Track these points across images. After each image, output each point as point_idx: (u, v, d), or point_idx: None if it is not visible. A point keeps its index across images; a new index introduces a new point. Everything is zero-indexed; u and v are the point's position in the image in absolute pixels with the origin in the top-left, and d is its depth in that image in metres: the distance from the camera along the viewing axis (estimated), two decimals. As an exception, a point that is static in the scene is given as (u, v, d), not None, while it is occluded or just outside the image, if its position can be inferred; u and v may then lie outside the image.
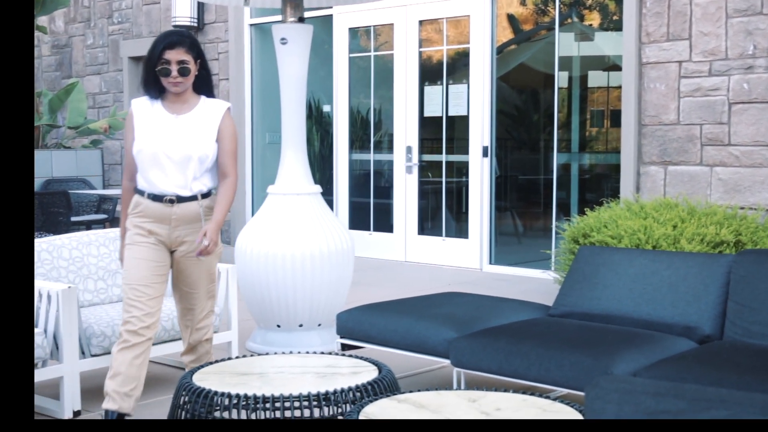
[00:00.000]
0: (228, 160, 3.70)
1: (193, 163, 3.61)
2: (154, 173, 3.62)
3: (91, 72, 11.66)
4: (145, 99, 3.71)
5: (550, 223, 8.01)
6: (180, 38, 3.60)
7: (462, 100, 8.43)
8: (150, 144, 3.60)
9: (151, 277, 3.63)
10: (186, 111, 3.66)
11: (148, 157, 3.61)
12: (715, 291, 3.83)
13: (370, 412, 2.85)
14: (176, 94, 3.64)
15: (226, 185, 3.70)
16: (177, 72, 3.58)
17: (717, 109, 6.56)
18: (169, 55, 3.57)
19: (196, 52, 3.64)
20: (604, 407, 1.74)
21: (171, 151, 3.60)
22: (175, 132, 3.61)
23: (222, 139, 3.67)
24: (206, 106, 3.69)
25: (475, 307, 4.26)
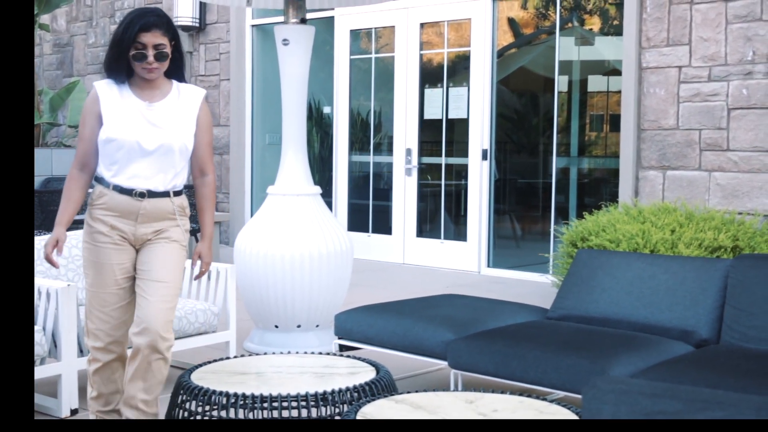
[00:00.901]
0: (206, 153, 3.39)
1: (173, 156, 3.27)
2: (126, 166, 3.24)
3: (93, 71, 11.67)
4: (110, 82, 3.29)
5: (548, 226, 8.03)
6: (157, 18, 3.21)
7: (462, 103, 8.44)
8: (123, 134, 3.22)
9: (117, 282, 3.32)
10: (159, 98, 3.29)
11: (120, 149, 3.23)
12: (712, 295, 3.84)
13: (367, 412, 2.86)
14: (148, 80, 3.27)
15: (207, 186, 3.41)
16: (154, 57, 3.19)
17: (716, 114, 6.57)
18: (144, 38, 3.17)
19: (172, 34, 3.26)
20: (600, 408, 1.75)
21: (148, 143, 3.23)
22: (150, 122, 3.25)
23: (200, 131, 3.34)
24: (182, 92, 3.33)
25: (473, 309, 4.27)
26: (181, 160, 3.31)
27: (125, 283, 3.35)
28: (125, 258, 3.32)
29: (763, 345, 3.59)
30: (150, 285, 3.27)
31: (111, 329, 3.34)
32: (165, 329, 3.24)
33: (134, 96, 3.27)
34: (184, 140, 3.29)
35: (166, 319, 3.26)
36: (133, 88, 3.28)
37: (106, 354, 3.37)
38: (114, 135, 3.22)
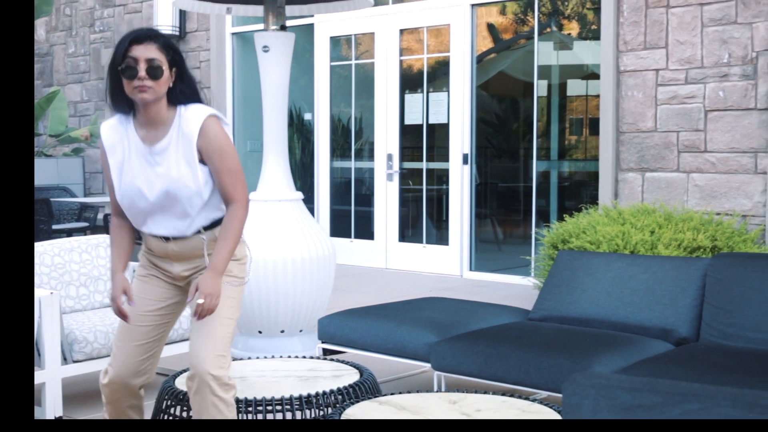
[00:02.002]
0: (226, 179, 2.86)
1: (182, 204, 2.88)
2: (139, 216, 2.96)
3: (73, 80, 11.64)
4: (115, 122, 2.93)
5: (529, 230, 8.08)
6: (150, 32, 2.84)
7: (442, 108, 8.49)
8: (128, 190, 2.91)
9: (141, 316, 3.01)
10: (162, 137, 2.86)
11: (130, 204, 2.94)
12: (691, 294, 3.89)
13: (351, 413, 2.88)
14: (147, 109, 2.83)
15: (231, 214, 2.87)
16: (145, 72, 2.75)
17: (693, 116, 6.65)
18: (136, 51, 2.77)
19: (172, 55, 2.84)
20: (580, 402, 1.78)
21: (153, 197, 2.88)
22: (153, 171, 2.87)
23: (209, 158, 2.85)
24: (182, 124, 2.86)
25: (456, 311, 4.30)
26: (194, 205, 2.89)
27: (150, 320, 3.01)
28: (158, 292, 3.02)
29: (741, 342, 3.64)
30: (195, 324, 2.91)
31: (120, 365, 2.98)
32: (213, 365, 2.80)
33: (138, 137, 2.88)
34: (188, 184, 2.85)
35: (215, 354, 2.82)
36: (137, 125, 2.89)
37: (108, 394, 3.03)
38: (121, 191, 2.93)
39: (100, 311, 4.45)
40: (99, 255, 4.69)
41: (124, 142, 2.90)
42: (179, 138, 2.85)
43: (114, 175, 2.92)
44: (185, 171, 2.85)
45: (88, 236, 4.84)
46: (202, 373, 2.77)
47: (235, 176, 2.87)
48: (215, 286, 2.82)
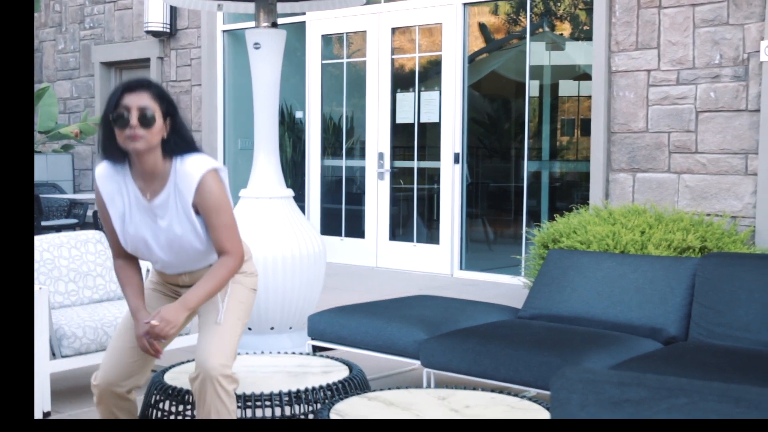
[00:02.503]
0: (221, 235, 2.85)
1: (189, 251, 2.91)
2: (147, 257, 2.98)
3: (62, 77, 11.60)
4: (109, 171, 2.87)
5: (520, 230, 8.09)
6: (144, 81, 2.80)
7: (434, 107, 8.49)
8: (133, 240, 2.91)
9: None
10: (160, 190, 2.83)
11: (136, 251, 2.95)
12: (680, 293, 3.90)
13: (340, 409, 2.88)
14: (141, 160, 2.77)
15: (222, 262, 2.87)
16: (137, 120, 2.70)
17: (684, 117, 6.67)
18: (128, 100, 2.73)
19: (166, 106, 2.79)
20: (569, 397, 1.78)
21: (159, 247, 2.91)
22: (156, 225, 2.87)
23: (204, 214, 2.84)
24: (178, 180, 2.82)
25: (445, 309, 4.31)
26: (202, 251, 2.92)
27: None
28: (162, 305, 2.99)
29: (730, 341, 3.65)
30: (204, 325, 2.93)
31: (110, 365, 2.96)
32: (220, 363, 2.81)
33: (137, 189, 2.85)
34: (192, 237, 2.87)
35: (222, 352, 2.82)
36: (134, 176, 2.85)
37: (97, 394, 2.99)
38: (125, 239, 2.92)
39: (89, 307, 4.44)
40: (88, 251, 4.67)
41: (123, 192, 2.87)
42: (176, 194, 2.83)
43: (116, 225, 2.90)
44: (187, 226, 2.85)
45: (77, 232, 4.83)
46: (209, 369, 2.78)
47: (229, 231, 2.87)
48: (176, 317, 2.81)
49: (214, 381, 2.78)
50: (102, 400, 2.98)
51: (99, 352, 4.17)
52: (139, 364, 3.00)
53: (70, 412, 4.07)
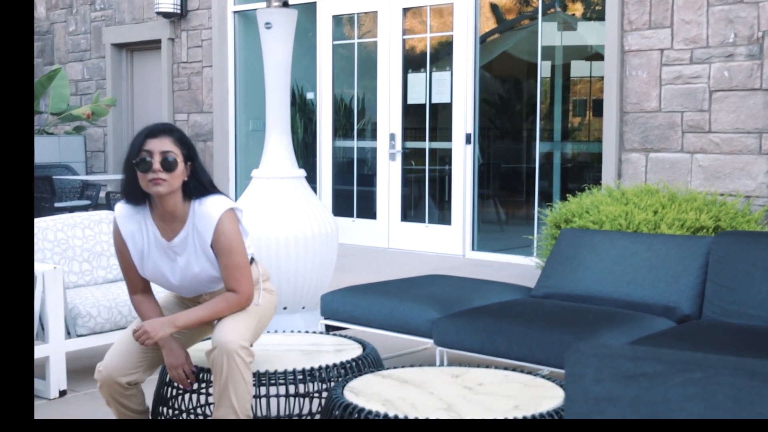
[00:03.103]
0: (231, 275, 2.96)
1: (207, 282, 3.06)
2: (173, 291, 3.16)
3: (74, 59, 11.61)
4: (129, 212, 2.99)
5: (532, 211, 8.08)
6: (165, 126, 2.93)
7: (445, 87, 8.47)
8: (152, 275, 3.05)
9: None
10: (179, 230, 2.96)
11: (159, 285, 3.11)
12: (694, 272, 3.89)
13: (354, 387, 2.89)
14: (163, 202, 2.90)
15: (227, 297, 2.98)
16: (159, 164, 2.82)
17: (698, 96, 6.63)
18: (150, 145, 2.84)
19: (187, 150, 2.91)
20: (583, 371, 1.78)
21: (178, 281, 3.04)
22: (174, 263, 3.01)
23: (217, 253, 2.95)
24: (197, 220, 2.94)
25: (458, 288, 4.31)
26: (217, 280, 3.05)
27: None
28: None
29: (743, 319, 3.65)
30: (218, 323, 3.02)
31: (115, 355, 3.01)
32: (238, 339, 2.88)
33: (156, 229, 2.97)
34: (207, 272, 3.01)
35: (239, 331, 2.91)
36: (154, 217, 2.97)
37: (99, 380, 3.04)
38: (143, 273, 3.05)
39: (103, 287, 4.46)
40: (102, 231, 4.69)
41: (143, 231, 2.98)
42: (194, 234, 2.95)
43: (135, 261, 3.01)
44: (205, 264, 2.98)
45: (91, 212, 4.85)
46: (226, 342, 2.85)
47: (241, 272, 2.96)
48: (159, 329, 2.89)
49: (232, 352, 2.84)
50: (104, 387, 3.04)
51: (113, 331, 4.20)
52: (144, 365, 3.06)
53: (86, 391, 4.11)
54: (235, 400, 2.88)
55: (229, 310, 2.97)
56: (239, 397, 2.89)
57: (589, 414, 1.74)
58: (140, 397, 3.13)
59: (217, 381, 2.89)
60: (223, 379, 2.87)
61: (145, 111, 11.12)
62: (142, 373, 3.06)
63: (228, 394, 2.88)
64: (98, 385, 3.04)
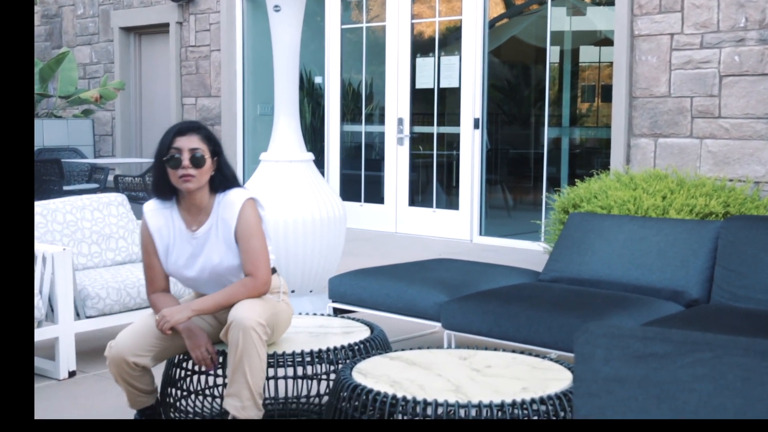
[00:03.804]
0: (249, 259, 3.06)
1: (226, 275, 3.13)
2: (192, 287, 3.26)
3: (82, 42, 11.61)
4: (158, 206, 3.14)
5: (540, 196, 8.06)
6: (194, 124, 3.08)
7: (454, 72, 8.44)
8: (174, 268, 3.16)
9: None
10: (204, 222, 3.10)
11: (177, 278, 3.21)
12: (703, 256, 3.89)
13: (363, 368, 2.90)
14: (191, 196, 3.05)
15: (244, 282, 3.06)
16: (189, 161, 2.99)
17: (708, 81, 6.60)
18: (179, 143, 3.01)
19: (213, 146, 3.06)
20: (593, 351, 1.78)
21: (198, 273, 3.13)
22: (196, 254, 3.12)
23: (240, 239, 3.07)
24: (221, 210, 3.09)
25: (466, 272, 4.31)
26: (236, 274, 3.13)
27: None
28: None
29: (752, 304, 3.64)
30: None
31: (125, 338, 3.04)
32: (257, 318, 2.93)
33: (182, 222, 3.11)
34: (229, 264, 3.10)
35: (257, 313, 2.95)
36: (181, 211, 3.12)
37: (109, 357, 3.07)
38: (167, 267, 3.15)
39: (111, 269, 4.47)
40: (110, 213, 4.70)
41: (170, 225, 3.12)
42: (219, 223, 3.09)
43: (161, 254, 3.14)
44: (225, 254, 3.09)
45: (100, 195, 4.86)
46: (244, 319, 2.90)
47: (258, 256, 3.06)
48: (177, 315, 2.98)
49: (248, 328, 2.90)
50: (112, 365, 3.06)
51: (122, 313, 4.22)
52: (154, 352, 3.08)
53: (95, 372, 4.13)
54: (249, 376, 2.91)
55: (246, 294, 3.03)
56: (253, 373, 2.92)
57: (599, 394, 1.74)
58: (149, 378, 3.14)
59: (231, 357, 2.92)
60: (239, 355, 2.90)
61: (153, 95, 11.12)
62: (151, 359, 3.08)
63: (243, 370, 2.90)
64: (107, 361, 3.07)
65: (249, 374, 2.91)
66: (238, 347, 2.90)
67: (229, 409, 2.95)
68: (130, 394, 3.13)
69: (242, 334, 2.89)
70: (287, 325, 3.25)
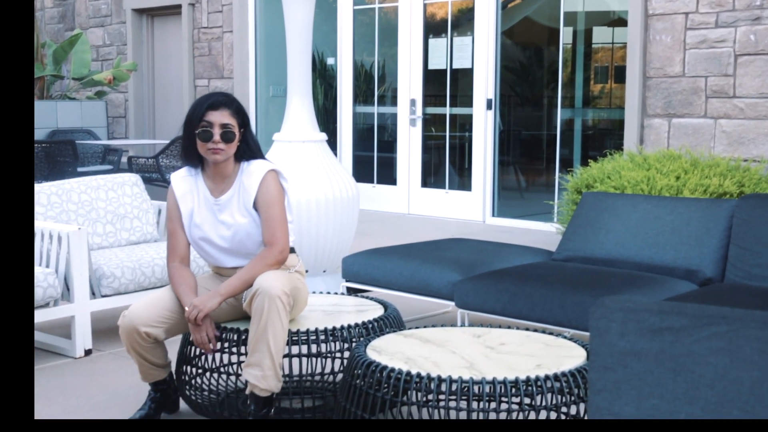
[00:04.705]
0: (268, 227, 3.12)
1: (248, 246, 3.19)
2: (213, 259, 3.27)
3: (95, 24, 11.61)
4: (184, 174, 3.23)
5: (552, 178, 8.04)
6: (226, 99, 3.14)
7: (466, 52, 8.41)
8: (197, 234, 3.20)
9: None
10: (227, 189, 3.18)
11: (199, 248, 3.25)
12: (717, 235, 3.88)
13: (377, 345, 2.91)
14: (217, 165, 3.14)
15: (263, 255, 3.11)
16: (219, 137, 3.07)
17: (723, 61, 6.55)
18: (211, 117, 3.08)
19: (242, 119, 3.15)
20: (608, 325, 1.79)
21: (220, 241, 3.19)
22: (219, 219, 3.18)
23: (260, 208, 3.14)
24: (244, 178, 3.17)
25: (479, 251, 4.31)
26: (255, 243, 3.18)
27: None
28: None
29: (767, 282, 3.63)
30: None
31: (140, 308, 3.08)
32: (282, 288, 2.96)
33: (207, 189, 3.19)
34: (249, 230, 3.16)
35: (282, 283, 2.97)
36: (206, 178, 3.21)
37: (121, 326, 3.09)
38: (189, 233, 3.21)
39: (126, 248, 4.50)
40: (125, 193, 4.72)
41: (194, 192, 3.21)
42: (240, 192, 3.17)
43: (185, 220, 3.21)
44: (246, 220, 3.15)
45: (114, 175, 4.87)
46: (269, 288, 2.93)
47: (277, 225, 3.13)
48: (206, 304, 3.02)
49: (274, 296, 2.93)
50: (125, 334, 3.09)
51: (137, 292, 4.24)
52: (167, 325, 3.11)
53: (111, 350, 4.16)
54: (272, 344, 2.93)
55: (266, 266, 3.07)
56: (276, 342, 2.94)
57: (614, 368, 1.75)
58: (161, 351, 3.17)
59: (254, 325, 2.95)
60: (263, 323, 2.92)
61: (165, 76, 11.13)
62: (163, 331, 3.10)
63: (266, 338, 2.93)
64: (119, 330, 3.10)
65: (272, 342, 2.93)
66: (262, 315, 2.92)
67: (250, 379, 2.97)
68: (142, 366, 3.16)
69: (268, 302, 2.92)
70: (305, 303, 3.26)
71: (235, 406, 3.22)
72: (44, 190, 4.45)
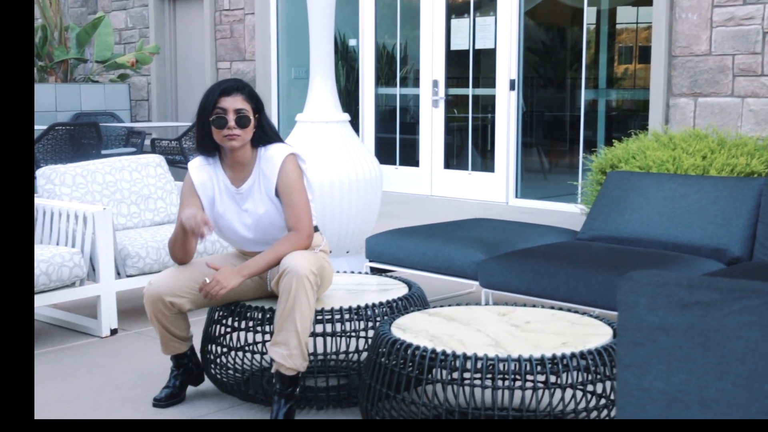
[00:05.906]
0: (291, 213, 3.10)
1: (271, 230, 3.17)
2: (233, 243, 3.28)
3: (117, 8, 11.64)
4: (202, 162, 3.20)
5: (576, 159, 7.99)
6: (238, 84, 3.11)
7: (489, 33, 8.35)
8: (220, 223, 3.20)
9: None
10: (247, 177, 3.15)
11: (223, 236, 3.26)
12: (745, 214, 3.83)
13: (402, 324, 2.91)
14: (234, 152, 3.11)
15: (289, 236, 3.09)
16: (234, 122, 3.04)
17: (750, 38, 6.46)
18: (224, 103, 3.05)
19: (255, 104, 3.12)
20: (637, 300, 1.77)
21: (244, 230, 3.18)
22: (241, 209, 3.17)
23: (282, 193, 3.11)
24: (263, 164, 3.14)
25: (503, 231, 4.29)
26: (280, 229, 3.16)
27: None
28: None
29: (796, 262, 3.59)
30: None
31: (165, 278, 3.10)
32: (310, 268, 2.95)
33: (226, 178, 3.16)
34: (273, 218, 3.14)
35: (308, 262, 2.96)
36: (224, 167, 3.17)
37: (146, 295, 3.11)
38: (213, 222, 3.18)
39: (150, 229, 4.52)
40: (149, 174, 4.74)
41: (214, 180, 3.18)
42: (260, 179, 3.14)
43: (207, 211, 3.18)
44: (269, 207, 3.14)
45: (138, 156, 4.89)
46: (298, 267, 2.92)
47: (301, 210, 3.10)
48: (229, 279, 3.00)
49: (302, 276, 2.92)
50: (149, 302, 3.10)
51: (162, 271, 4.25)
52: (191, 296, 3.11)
53: (137, 330, 4.18)
54: (299, 323, 2.93)
55: (292, 249, 3.05)
56: (303, 321, 2.94)
57: (643, 342, 1.73)
58: (183, 323, 3.19)
59: (282, 304, 2.94)
60: (290, 302, 2.92)
61: (187, 59, 11.14)
62: (188, 301, 3.11)
63: (293, 317, 2.92)
64: (144, 298, 3.12)
65: (299, 321, 2.93)
66: (290, 294, 2.92)
67: (276, 358, 2.97)
68: (163, 337, 3.18)
69: (296, 281, 2.91)
70: (329, 282, 3.26)
71: (260, 385, 3.23)
72: (69, 171, 4.48)
